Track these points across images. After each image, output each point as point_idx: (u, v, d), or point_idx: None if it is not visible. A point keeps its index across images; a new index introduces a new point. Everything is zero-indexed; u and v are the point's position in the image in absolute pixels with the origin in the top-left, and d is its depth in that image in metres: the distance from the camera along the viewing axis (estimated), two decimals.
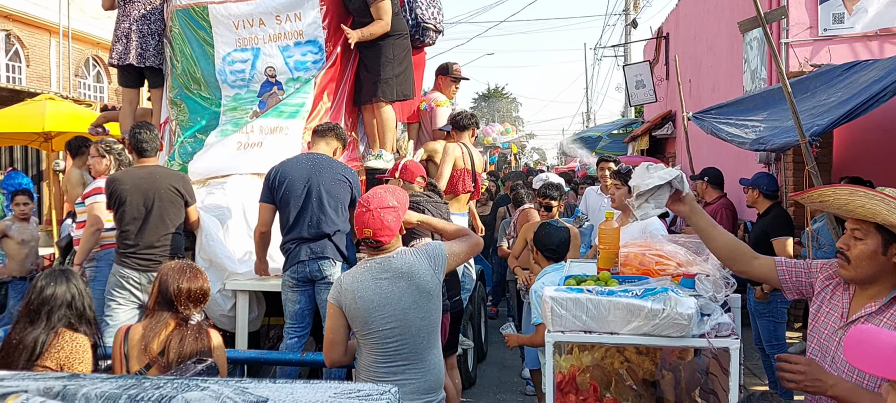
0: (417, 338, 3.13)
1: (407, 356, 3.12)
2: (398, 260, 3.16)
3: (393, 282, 3.11)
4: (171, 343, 3.16)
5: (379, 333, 3.09)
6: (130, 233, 4.70)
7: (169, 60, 6.03)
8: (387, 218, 3.14)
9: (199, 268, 3.34)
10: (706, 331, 2.47)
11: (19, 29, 19.40)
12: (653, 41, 16.80)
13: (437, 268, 3.21)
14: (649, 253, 3.34)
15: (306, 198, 4.40)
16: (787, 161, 8.30)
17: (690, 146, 9.26)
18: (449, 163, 5.70)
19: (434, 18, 6.30)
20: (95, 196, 5.10)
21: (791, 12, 8.14)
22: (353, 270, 3.27)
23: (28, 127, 9.34)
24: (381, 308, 3.07)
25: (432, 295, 3.18)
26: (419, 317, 3.13)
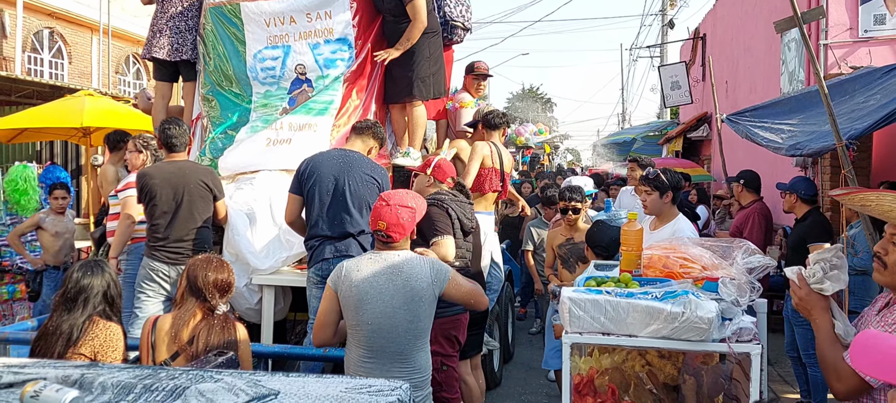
0: (404, 338, 3.19)
1: (392, 354, 3.19)
2: (400, 259, 3.25)
3: (389, 279, 3.19)
4: (200, 333, 3.24)
5: (368, 326, 3.17)
6: (160, 227, 4.78)
7: (202, 57, 6.11)
8: (402, 215, 3.25)
9: (224, 261, 3.44)
10: (727, 336, 2.42)
11: (62, 26, 19.84)
12: (689, 42, 16.59)
13: (435, 282, 3.26)
14: (674, 256, 3.30)
15: (332, 196, 4.43)
16: (825, 164, 8.13)
17: (726, 148, 9.13)
18: (477, 161, 5.67)
19: (462, 16, 6.28)
20: (129, 190, 5.19)
21: (830, 13, 7.98)
22: (357, 259, 3.37)
23: (67, 122, 9.52)
24: (372, 300, 3.16)
25: (423, 302, 3.22)
26: (407, 319, 3.18)
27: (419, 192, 4.53)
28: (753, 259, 3.29)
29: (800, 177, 6.81)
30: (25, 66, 18.37)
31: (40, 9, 18.80)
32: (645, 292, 2.58)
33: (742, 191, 7.10)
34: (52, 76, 19.39)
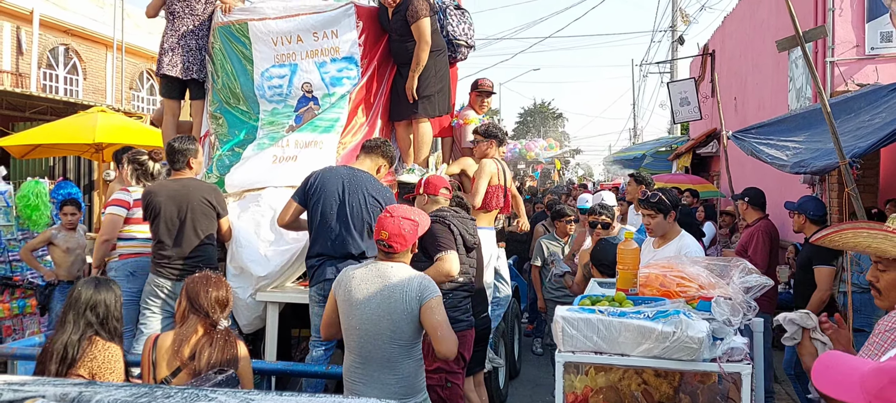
0: (389, 346, 3.29)
1: (380, 361, 3.30)
2: (393, 272, 3.35)
3: (377, 287, 3.30)
4: (202, 349, 3.27)
5: (356, 331, 3.31)
6: (165, 244, 4.84)
7: (210, 75, 6.20)
8: (404, 226, 3.36)
9: (221, 277, 3.48)
10: (718, 355, 2.44)
11: (77, 43, 20.10)
12: (699, 58, 16.60)
13: (420, 299, 3.29)
14: (670, 275, 3.32)
15: (336, 215, 4.45)
16: (832, 182, 8.11)
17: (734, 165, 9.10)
18: (486, 179, 5.71)
19: (465, 34, 6.36)
20: (111, 207, 5.25)
21: (836, 30, 7.99)
22: (355, 267, 3.49)
23: (80, 138, 9.66)
24: (359, 306, 3.29)
25: (403, 315, 3.28)
26: (389, 328, 3.27)
27: None
28: (750, 278, 3.30)
29: (808, 197, 6.79)
30: (41, 83, 18.62)
31: (56, 26, 19.08)
32: (637, 311, 2.60)
33: (747, 209, 7.07)
34: (67, 92, 19.63)
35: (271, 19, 6.02)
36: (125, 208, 5.22)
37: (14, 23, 17.92)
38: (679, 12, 20.76)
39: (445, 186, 4.75)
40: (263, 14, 6.07)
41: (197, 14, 6.18)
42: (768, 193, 7.23)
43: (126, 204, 5.23)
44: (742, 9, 12.98)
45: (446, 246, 4.26)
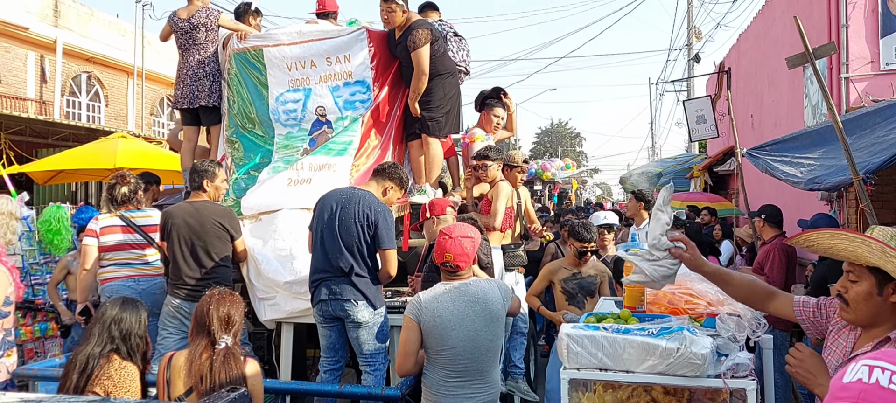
0: (485, 357, 3.46)
1: (474, 372, 3.44)
2: (474, 286, 3.51)
3: (469, 306, 3.44)
4: (206, 369, 3.29)
5: (453, 350, 3.40)
6: (180, 265, 4.93)
7: (226, 100, 6.32)
8: (465, 245, 3.51)
9: (228, 293, 3.50)
10: (722, 372, 2.45)
11: (100, 71, 20.46)
12: (715, 76, 16.56)
13: (505, 301, 3.57)
14: (679, 292, 3.34)
15: (328, 234, 4.46)
16: (849, 198, 8.05)
17: (753, 182, 9.07)
18: (503, 201, 5.71)
19: (464, 60, 6.54)
20: (85, 239, 5.39)
21: (851, 46, 7.96)
22: (433, 290, 3.54)
23: (101, 163, 9.82)
24: (457, 327, 3.39)
25: (499, 321, 3.51)
26: (488, 339, 3.45)
27: (431, 237, 4.64)
28: None
29: (821, 215, 6.75)
30: (64, 110, 18.97)
31: (78, 54, 19.45)
32: (641, 328, 2.62)
33: (763, 226, 7.04)
34: (89, 119, 19.97)
35: (286, 45, 6.13)
36: (94, 237, 5.33)
37: (38, 52, 18.31)
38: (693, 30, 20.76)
39: (450, 205, 4.81)
40: (278, 40, 6.18)
41: (199, 43, 6.32)
42: (786, 210, 7.19)
43: (94, 233, 5.34)
44: (757, 26, 12.96)
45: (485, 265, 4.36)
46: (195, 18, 6.31)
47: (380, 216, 4.47)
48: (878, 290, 2.18)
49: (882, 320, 2.21)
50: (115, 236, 5.36)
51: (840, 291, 2.30)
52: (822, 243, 2.30)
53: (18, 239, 7.32)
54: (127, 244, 5.39)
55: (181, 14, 6.40)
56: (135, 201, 5.53)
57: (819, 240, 2.31)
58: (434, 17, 6.68)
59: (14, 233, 7.16)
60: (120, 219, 5.40)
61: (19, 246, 7.48)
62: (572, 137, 60.73)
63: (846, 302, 2.26)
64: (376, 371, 4.42)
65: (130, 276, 5.36)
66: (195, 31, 6.31)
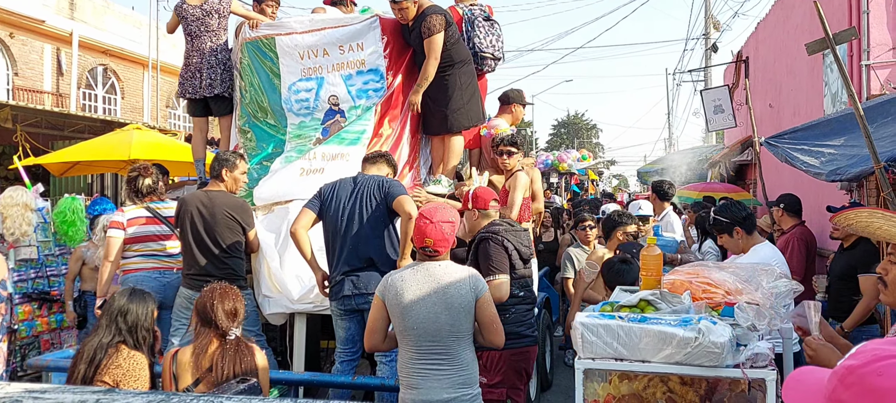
0: (448, 340, 3.41)
1: (440, 353, 3.40)
2: (442, 270, 3.47)
3: (431, 287, 3.40)
4: (217, 360, 3.30)
5: (414, 331, 3.39)
6: (191, 255, 4.92)
7: (238, 90, 6.28)
8: (446, 230, 3.47)
9: (230, 287, 3.53)
10: (741, 361, 2.39)
11: (115, 63, 20.57)
12: (732, 65, 16.38)
13: (473, 290, 3.46)
14: (696, 281, 3.27)
15: (346, 226, 4.43)
16: (870, 187, 7.91)
17: (772, 171, 8.94)
18: (521, 192, 5.64)
19: (492, 46, 6.28)
20: (110, 230, 5.39)
21: (872, 33, 7.81)
22: (402, 270, 3.56)
23: (116, 155, 9.84)
24: (415, 307, 3.38)
25: (463, 309, 3.42)
26: (448, 323, 3.39)
27: (472, 230, 4.55)
28: (779, 283, 3.23)
29: (855, 203, 6.64)
30: (80, 102, 19.08)
31: (94, 47, 19.56)
32: (657, 318, 2.55)
33: (782, 216, 6.94)
34: (105, 111, 20.09)
35: (298, 34, 6.09)
36: (121, 229, 5.33)
37: (54, 45, 18.43)
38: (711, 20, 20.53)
39: (494, 198, 4.67)
40: (290, 28, 6.14)
41: (212, 30, 6.28)
42: (805, 199, 7.07)
43: (120, 225, 5.35)
44: (775, 14, 12.78)
45: (498, 270, 4.21)
46: (208, 4, 6.26)
47: (390, 184, 4.52)
48: None
49: None
50: (141, 228, 5.37)
51: (880, 273, 2.29)
52: (860, 221, 2.34)
53: (34, 231, 7.36)
54: (153, 235, 5.41)
55: (192, 1, 6.34)
56: (158, 192, 5.56)
57: (858, 220, 2.35)
58: (466, 1, 6.54)
59: (29, 225, 7.22)
60: (146, 210, 5.41)
61: (35, 238, 7.51)
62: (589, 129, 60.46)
63: (885, 284, 2.26)
64: (392, 361, 4.38)
65: (156, 268, 5.37)
66: (208, 18, 6.26)
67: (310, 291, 4.99)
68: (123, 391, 2.35)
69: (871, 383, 1.05)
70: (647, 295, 2.92)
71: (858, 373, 1.08)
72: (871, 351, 1.10)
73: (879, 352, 1.08)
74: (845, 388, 1.08)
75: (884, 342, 1.14)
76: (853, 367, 1.09)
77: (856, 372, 1.09)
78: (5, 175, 12.47)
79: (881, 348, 1.09)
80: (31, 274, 7.67)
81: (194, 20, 6.28)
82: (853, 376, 1.09)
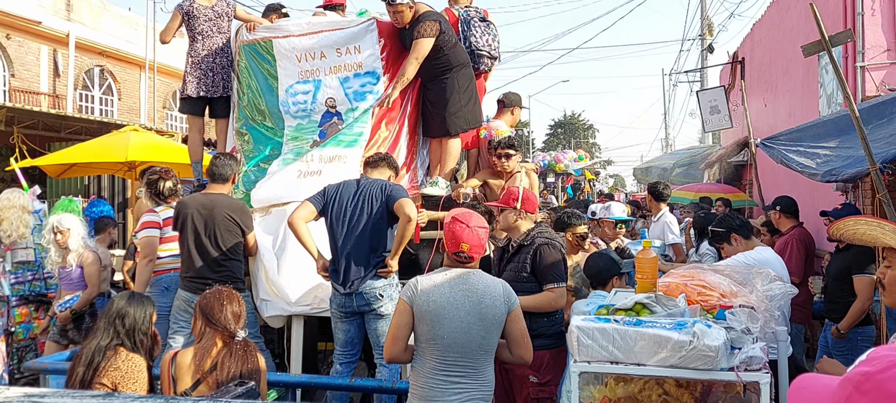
0: (476, 354, 3.25)
1: (464, 366, 3.23)
2: (475, 278, 3.31)
3: (466, 296, 3.24)
4: (223, 360, 3.31)
5: (443, 341, 3.21)
6: (189, 257, 4.92)
7: (236, 93, 6.30)
8: (482, 236, 3.34)
9: (233, 291, 3.52)
10: (735, 364, 2.41)
11: (112, 64, 20.55)
12: (728, 66, 16.42)
13: (507, 303, 3.31)
14: (692, 284, 3.28)
15: (349, 231, 4.44)
16: (866, 188, 7.94)
17: (767, 173, 8.97)
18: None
19: (488, 45, 6.33)
20: (146, 230, 5.39)
21: (867, 35, 7.84)
22: (432, 275, 3.37)
23: (113, 156, 9.86)
24: (450, 317, 3.20)
25: (495, 321, 3.27)
26: (480, 336, 3.23)
27: (507, 229, 4.38)
28: (774, 286, 3.26)
29: (847, 204, 6.67)
30: (77, 104, 19.07)
31: (91, 48, 19.54)
32: (653, 321, 2.57)
33: (780, 218, 6.97)
34: (102, 112, 20.08)
35: (295, 36, 6.10)
36: (157, 228, 5.39)
37: (51, 46, 18.40)
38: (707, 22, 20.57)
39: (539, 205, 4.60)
40: (288, 31, 6.15)
41: (224, 31, 6.33)
42: (801, 200, 7.10)
43: (157, 224, 5.40)
44: (771, 16, 12.82)
45: (559, 278, 4.12)
46: (219, 6, 6.31)
47: (391, 188, 4.51)
48: None
49: None
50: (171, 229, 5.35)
51: (880, 276, 2.36)
52: (847, 229, 2.40)
53: (31, 233, 7.35)
54: None
55: (202, 1, 6.34)
56: (178, 195, 5.59)
57: (845, 227, 2.41)
58: (463, 2, 6.57)
59: (26, 227, 7.22)
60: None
61: (32, 240, 7.50)
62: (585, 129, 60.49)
63: (883, 287, 2.33)
64: (393, 365, 4.40)
65: None
66: (220, 20, 6.31)
67: (308, 293, 5.01)
68: (122, 395, 2.36)
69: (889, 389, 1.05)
70: (642, 299, 2.94)
71: (876, 379, 1.07)
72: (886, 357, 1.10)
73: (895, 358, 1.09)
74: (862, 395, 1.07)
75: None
76: (870, 373, 1.08)
77: (873, 379, 1.07)
78: (1, 177, 12.45)
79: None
80: (28, 276, 7.66)
81: (206, 20, 6.28)
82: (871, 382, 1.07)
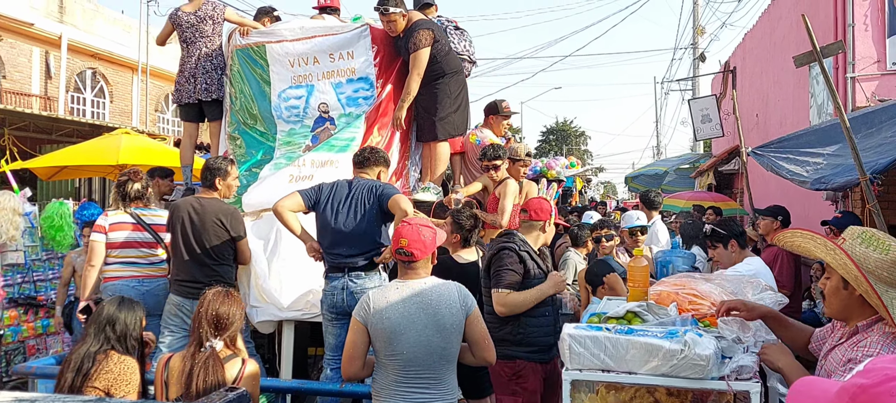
0: (438, 364, 3.19)
1: (426, 378, 3.18)
2: (429, 289, 3.22)
3: (422, 310, 3.17)
4: (193, 371, 3.20)
5: (402, 356, 3.14)
6: (179, 260, 4.89)
7: (228, 97, 6.30)
8: (424, 233, 3.26)
9: (226, 293, 3.40)
10: (726, 373, 2.42)
11: (104, 67, 20.48)
12: (720, 75, 16.51)
13: (464, 309, 3.24)
14: (683, 293, 3.29)
15: (341, 232, 4.43)
16: (855, 198, 8.00)
17: (758, 181, 9.01)
18: (511, 199, 5.68)
19: (466, 50, 6.46)
20: (93, 234, 5.23)
21: (857, 46, 7.91)
22: (383, 290, 3.32)
23: (104, 159, 9.81)
24: (406, 332, 3.13)
25: (454, 328, 3.21)
26: (440, 347, 3.18)
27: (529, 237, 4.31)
28: (765, 295, 3.27)
29: (847, 213, 6.72)
30: (69, 106, 18.99)
31: (83, 50, 19.48)
32: (644, 329, 2.58)
33: (778, 228, 6.98)
34: (94, 115, 20.00)
35: (289, 41, 6.11)
36: (102, 233, 5.19)
37: (43, 48, 18.33)
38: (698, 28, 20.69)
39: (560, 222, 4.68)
40: (281, 36, 6.16)
41: (207, 35, 6.30)
42: (791, 209, 7.14)
43: (102, 229, 5.20)
44: (762, 26, 12.91)
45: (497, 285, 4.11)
46: (202, 11, 6.29)
47: (382, 187, 4.49)
48: (844, 285, 2.32)
49: (853, 313, 2.34)
50: (123, 233, 5.21)
51: (820, 287, 2.50)
52: (786, 240, 2.55)
53: (21, 235, 7.32)
54: (135, 242, 5.24)
55: (186, 8, 6.37)
56: (145, 198, 5.40)
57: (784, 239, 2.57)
58: (432, 13, 6.64)
59: (17, 229, 7.18)
60: (130, 216, 5.26)
61: (22, 242, 7.47)
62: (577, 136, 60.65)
63: (823, 297, 2.44)
64: None
65: (134, 276, 5.20)
66: (202, 24, 6.29)
67: (299, 299, 5.00)
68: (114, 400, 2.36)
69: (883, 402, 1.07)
70: (634, 307, 2.94)
71: (871, 393, 1.08)
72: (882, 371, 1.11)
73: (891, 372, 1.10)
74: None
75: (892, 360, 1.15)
76: (865, 386, 1.10)
77: (868, 392, 1.09)
78: None
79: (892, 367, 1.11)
80: (18, 278, 7.64)
81: (189, 26, 6.30)
82: (866, 395, 1.09)
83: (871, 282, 2.21)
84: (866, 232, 2.31)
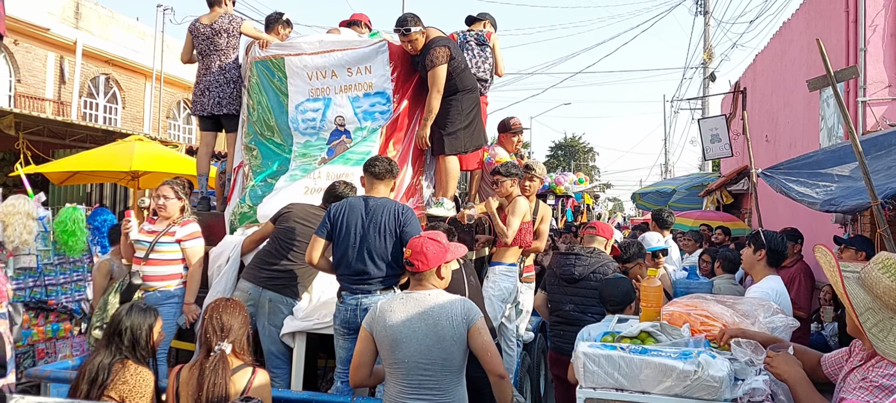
0: (441, 374, 3.25)
1: (431, 387, 3.24)
2: (432, 299, 3.32)
3: (422, 319, 3.26)
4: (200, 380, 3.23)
5: (405, 365, 3.24)
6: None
7: (246, 108, 6.36)
8: (428, 247, 3.35)
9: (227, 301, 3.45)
10: (738, 396, 2.45)
11: (118, 73, 20.65)
12: (730, 95, 16.54)
13: (466, 321, 3.29)
14: (694, 313, 3.33)
15: (355, 249, 4.41)
16: (864, 222, 8.00)
17: (767, 203, 9.00)
18: (519, 217, 5.70)
19: (478, 68, 6.48)
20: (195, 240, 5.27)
21: (868, 70, 7.93)
22: (390, 300, 3.42)
23: (117, 165, 9.89)
24: (407, 341, 3.23)
25: (455, 340, 3.26)
26: (441, 357, 3.24)
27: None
28: (776, 318, 3.30)
29: (858, 237, 6.73)
30: (82, 111, 19.14)
31: (98, 56, 19.64)
32: (658, 349, 2.62)
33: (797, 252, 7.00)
34: (106, 120, 20.14)
35: (307, 55, 6.17)
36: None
37: (58, 53, 18.50)
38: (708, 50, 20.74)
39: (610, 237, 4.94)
40: (300, 49, 6.22)
41: (221, 48, 6.36)
42: (801, 231, 7.15)
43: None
44: (773, 47, 12.94)
45: None
46: (217, 24, 6.36)
47: (409, 214, 4.47)
48: None
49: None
50: None
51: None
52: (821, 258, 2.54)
53: (34, 239, 7.38)
54: None
55: (203, 20, 6.45)
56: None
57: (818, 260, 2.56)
58: (477, 27, 6.67)
59: (30, 234, 7.25)
60: None
61: (35, 246, 7.54)
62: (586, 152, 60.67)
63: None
64: None
65: None
66: (216, 37, 6.35)
67: (313, 310, 5.03)
68: None
69: None
70: (647, 327, 2.98)
71: None
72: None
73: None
74: None
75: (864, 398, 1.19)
76: None
77: None
78: (4, 182, 12.48)
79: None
80: (29, 282, 7.71)
81: (204, 39, 6.38)
82: None
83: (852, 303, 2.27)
84: (890, 260, 2.32)
